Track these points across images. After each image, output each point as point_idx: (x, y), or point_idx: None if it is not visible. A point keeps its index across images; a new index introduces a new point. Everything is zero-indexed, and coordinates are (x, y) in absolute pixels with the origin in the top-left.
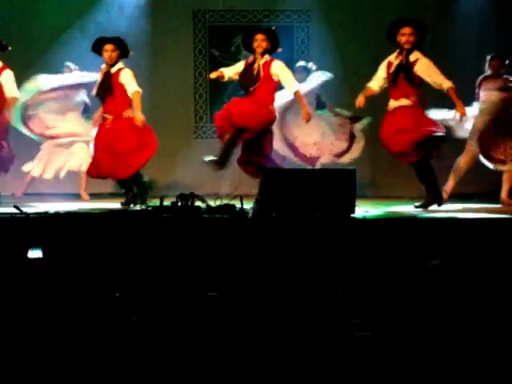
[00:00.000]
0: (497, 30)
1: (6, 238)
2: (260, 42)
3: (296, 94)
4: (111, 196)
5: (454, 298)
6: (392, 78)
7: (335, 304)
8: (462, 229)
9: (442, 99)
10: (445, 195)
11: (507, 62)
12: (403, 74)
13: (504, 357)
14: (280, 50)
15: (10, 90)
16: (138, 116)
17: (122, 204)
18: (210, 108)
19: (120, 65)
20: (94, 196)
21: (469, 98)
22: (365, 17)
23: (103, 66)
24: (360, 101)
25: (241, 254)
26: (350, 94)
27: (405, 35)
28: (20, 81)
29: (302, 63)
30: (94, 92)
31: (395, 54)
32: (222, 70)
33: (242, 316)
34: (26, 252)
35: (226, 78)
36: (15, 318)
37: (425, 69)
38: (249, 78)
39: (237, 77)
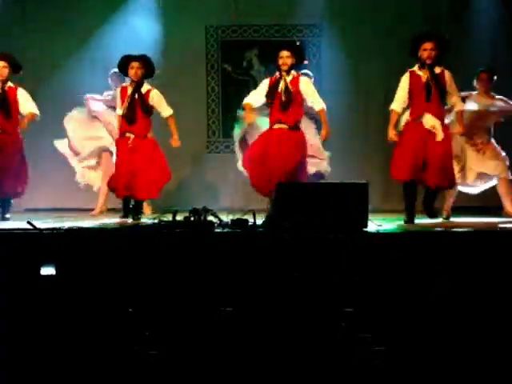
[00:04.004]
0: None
1: (19, 254)
2: (285, 58)
3: (321, 111)
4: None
5: (467, 312)
6: (426, 93)
7: (346, 318)
8: (476, 242)
9: None
10: None
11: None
12: (436, 89)
13: None
14: (306, 62)
15: (27, 106)
16: (177, 139)
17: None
18: (223, 123)
19: (147, 85)
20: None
21: None
22: (377, 31)
23: (127, 84)
24: (392, 135)
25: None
26: (361, 107)
27: (426, 50)
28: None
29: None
30: (120, 112)
31: (417, 68)
32: (249, 102)
33: (256, 331)
34: (39, 269)
35: (255, 105)
36: (28, 336)
37: (449, 81)
38: (278, 95)
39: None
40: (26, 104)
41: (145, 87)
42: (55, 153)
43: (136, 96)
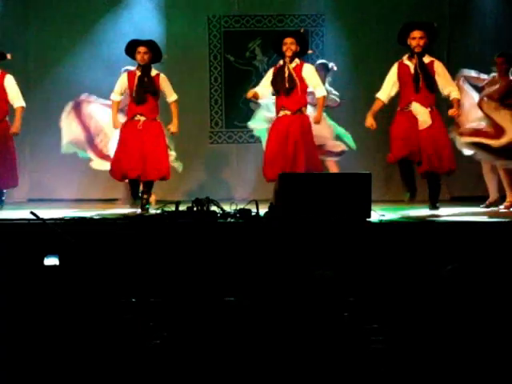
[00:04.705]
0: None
1: (22, 245)
2: (289, 45)
3: (320, 98)
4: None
5: (469, 303)
6: (414, 83)
7: (349, 308)
8: (478, 233)
9: None
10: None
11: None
12: (423, 78)
13: None
14: (310, 51)
15: (16, 98)
16: (176, 125)
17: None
18: (226, 113)
19: (155, 70)
20: (108, 201)
21: None
22: (379, 22)
23: (134, 69)
24: (371, 122)
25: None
26: (364, 98)
27: (415, 39)
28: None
29: (323, 61)
30: (116, 98)
31: (406, 58)
32: (255, 90)
33: (259, 320)
34: (43, 259)
35: (261, 96)
36: (31, 326)
37: (440, 71)
38: (282, 81)
39: (270, 87)
40: (15, 96)
41: (153, 71)
42: (58, 145)
43: (145, 79)
